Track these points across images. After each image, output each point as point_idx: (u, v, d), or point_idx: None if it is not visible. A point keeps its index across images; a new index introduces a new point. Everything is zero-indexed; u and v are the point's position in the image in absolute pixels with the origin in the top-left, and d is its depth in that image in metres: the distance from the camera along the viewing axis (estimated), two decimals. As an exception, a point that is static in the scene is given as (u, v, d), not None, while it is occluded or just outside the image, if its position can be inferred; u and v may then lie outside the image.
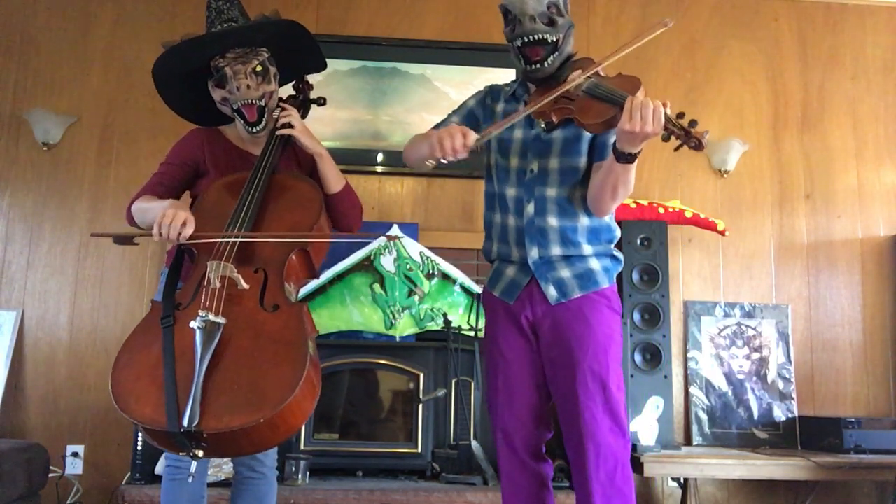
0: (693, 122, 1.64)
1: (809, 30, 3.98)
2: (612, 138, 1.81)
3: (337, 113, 3.67)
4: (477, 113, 2.08)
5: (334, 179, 2.10)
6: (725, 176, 3.81)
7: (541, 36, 1.87)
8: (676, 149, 1.68)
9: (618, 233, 2.02)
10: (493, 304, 2.01)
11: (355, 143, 3.69)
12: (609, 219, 1.99)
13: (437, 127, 2.06)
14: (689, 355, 3.64)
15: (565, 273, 1.91)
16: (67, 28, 3.66)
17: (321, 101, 2.34)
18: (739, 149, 3.74)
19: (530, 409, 1.93)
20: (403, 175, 3.70)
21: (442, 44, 3.78)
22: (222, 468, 2.75)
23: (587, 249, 1.93)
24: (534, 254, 1.92)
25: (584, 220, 1.94)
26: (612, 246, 1.99)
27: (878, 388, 3.72)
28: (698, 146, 1.64)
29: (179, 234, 1.81)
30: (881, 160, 3.91)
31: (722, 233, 3.55)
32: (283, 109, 2.11)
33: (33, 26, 3.64)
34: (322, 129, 3.58)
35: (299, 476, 2.82)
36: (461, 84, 3.75)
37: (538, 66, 1.90)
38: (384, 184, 3.70)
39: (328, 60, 2.29)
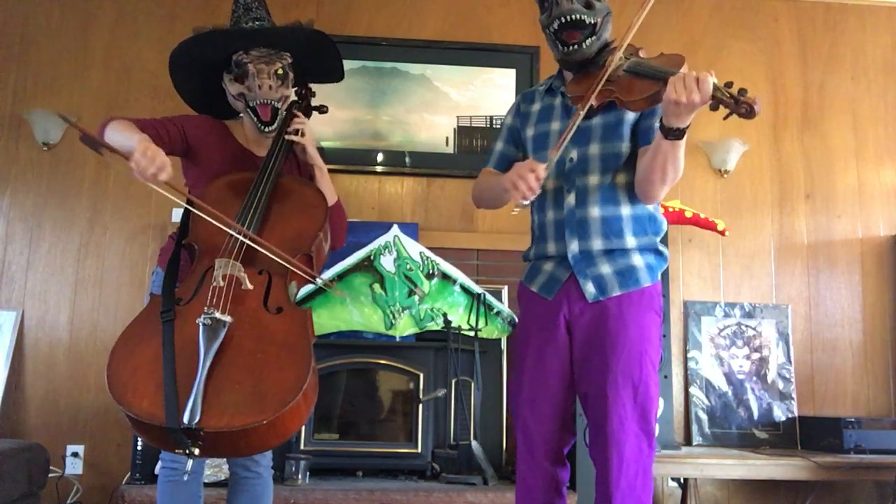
0: (742, 91, 1.58)
1: (809, 30, 3.98)
2: (657, 121, 1.75)
3: (337, 113, 3.67)
4: (516, 125, 2.05)
5: (329, 194, 2.10)
6: (725, 176, 3.81)
7: (578, 16, 1.81)
8: (726, 117, 1.61)
9: (665, 225, 1.93)
10: (529, 299, 1.94)
11: (355, 143, 3.68)
12: (654, 209, 1.90)
13: (487, 160, 2.07)
14: (689, 355, 3.64)
15: (605, 269, 1.83)
16: (67, 28, 3.66)
17: (324, 109, 2.35)
18: (739, 149, 3.74)
19: (554, 409, 1.87)
20: (403, 175, 3.70)
21: (442, 44, 3.78)
22: (222, 468, 2.75)
23: (631, 242, 1.85)
24: (574, 247, 1.85)
25: (627, 210, 1.85)
26: (658, 240, 1.90)
27: (878, 388, 3.72)
28: (749, 113, 1.56)
29: (154, 174, 1.73)
30: (881, 160, 3.91)
31: (722, 233, 3.55)
32: (296, 117, 2.11)
33: (33, 26, 3.64)
34: (322, 129, 3.59)
35: (299, 476, 2.82)
36: (461, 84, 3.76)
37: (575, 47, 1.83)
38: (384, 184, 3.70)
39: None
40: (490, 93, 3.76)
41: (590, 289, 1.83)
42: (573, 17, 1.81)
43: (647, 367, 1.81)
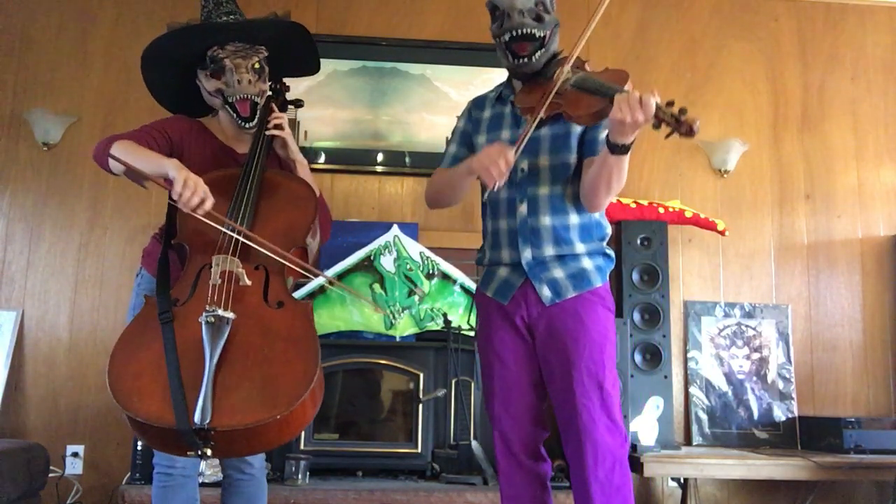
0: (683, 110, 1.63)
1: (809, 30, 3.98)
2: (603, 133, 1.82)
3: (337, 113, 3.67)
4: (468, 130, 2.10)
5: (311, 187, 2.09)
6: (725, 176, 3.80)
7: (529, 31, 1.88)
8: (667, 136, 1.66)
9: (609, 230, 2.02)
10: (487, 304, 2.01)
11: (355, 143, 3.68)
12: (599, 216, 1.99)
13: (441, 162, 2.11)
14: (689, 355, 3.64)
15: (559, 273, 1.91)
16: (67, 28, 3.66)
17: (299, 104, 2.33)
18: (739, 149, 3.74)
19: (527, 409, 1.94)
20: (403, 175, 3.70)
21: (442, 44, 3.78)
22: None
23: (580, 248, 1.93)
24: (527, 254, 1.93)
25: (574, 218, 1.94)
26: (604, 244, 1.99)
27: (878, 388, 3.72)
28: (689, 132, 1.61)
29: (198, 205, 1.73)
30: (881, 160, 3.91)
31: (722, 233, 3.55)
32: (272, 111, 2.09)
33: (33, 26, 3.64)
34: (322, 129, 3.59)
35: (299, 476, 2.82)
36: (461, 84, 3.76)
37: (525, 60, 1.90)
38: (384, 184, 3.70)
39: (328, 60, 2.30)
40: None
41: (546, 292, 1.90)
42: (524, 31, 1.89)
43: (609, 362, 1.88)
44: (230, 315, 1.65)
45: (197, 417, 1.50)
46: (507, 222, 1.96)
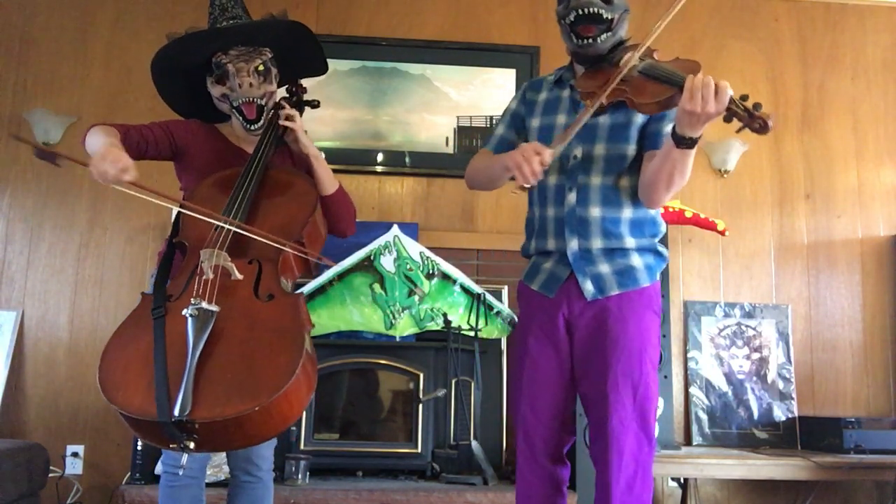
0: (757, 105, 1.57)
1: (809, 30, 3.98)
2: (667, 126, 1.74)
3: (337, 113, 3.67)
4: (520, 112, 2.02)
5: (328, 182, 2.08)
6: (725, 176, 3.81)
7: (596, 10, 1.79)
8: (738, 130, 1.61)
9: (663, 227, 1.93)
10: (530, 298, 1.93)
11: (355, 143, 3.68)
12: (655, 212, 1.90)
13: (487, 142, 2.05)
14: (689, 355, 3.64)
15: (605, 268, 1.83)
16: (67, 28, 3.66)
17: (315, 104, 2.33)
18: (739, 149, 3.74)
19: (553, 410, 1.87)
20: (403, 175, 3.70)
21: (442, 44, 3.78)
22: (222, 468, 2.75)
23: (630, 243, 1.84)
24: (573, 245, 1.84)
25: (627, 212, 1.85)
26: (657, 241, 1.90)
27: (878, 388, 3.72)
28: (763, 128, 1.56)
29: (118, 177, 1.71)
30: (881, 160, 3.91)
31: (722, 233, 3.55)
32: (282, 108, 2.10)
33: (33, 26, 3.64)
34: (322, 129, 3.59)
35: (299, 476, 2.82)
36: (461, 84, 3.76)
37: (590, 41, 1.81)
38: (384, 184, 3.70)
39: (328, 60, 2.29)
40: (490, 93, 3.75)
41: (588, 287, 1.83)
42: (591, 10, 1.79)
43: (647, 366, 1.81)
44: (214, 308, 1.64)
45: (177, 410, 1.49)
46: (555, 210, 1.88)
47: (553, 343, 1.87)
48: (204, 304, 1.63)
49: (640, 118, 1.84)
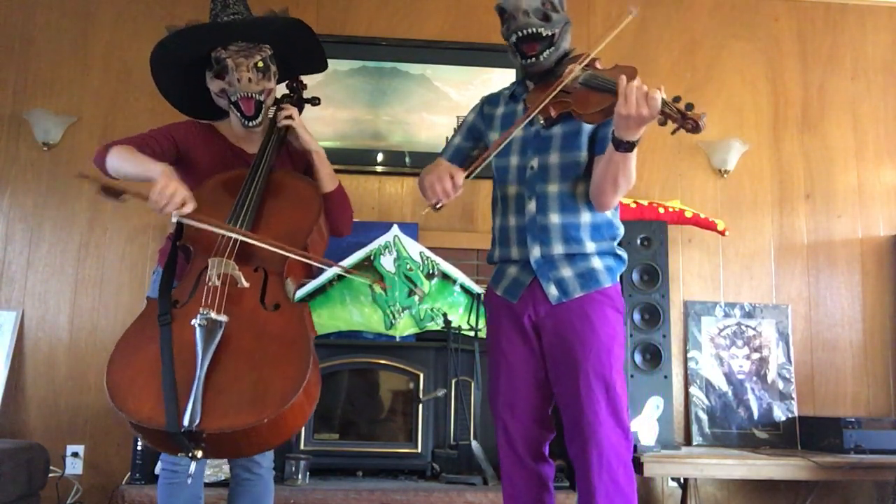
0: (689, 105, 1.61)
1: (809, 30, 3.98)
2: (612, 131, 1.80)
3: (337, 113, 3.67)
4: (478, 125, 2.10)
5: (328, 178, 2.08)
6: (725, 176, 3.81)
7: (535, 30, 1.88)
8: (673, 132, 1.66)
9: (621, 230, 2.00)
10: (496, 303, 2.00)
11: (355, 143, 3.68)
12: (611, 215, 1.97)
13: (443, 152, 2.12)
14: (689, 355, 3.64)
15: (567, 272, 1.90)
16: (67, 28, 3.66)
17: (315, 101, 2.33)
18: (739, 149, 3.74)
19: (532, 409, 1.93)
20: (403, 175, 3.70)
21: (442, 44, 3.78)
22: (222, 468, 2.75)
23: (590, 247, 1.91)
24: (536, 252, 1.91)
25: (586, 217, 1.92)
26: (616, 243, 1.98)
27: (878, 388, 3.72)
28: (695, 128, 1.60)
29: (177, 210, 1.75)
30: (881, 160, 3.91)
31: (722, 233, 3.55)
32: (281, 109, 2.10)
33: (33, 26, 3.64)
34: (322, 129, 3.59)
35: (299, 476, 2.82)
36: (461, 84, 3.76)
37: (534, 59, 1.90)
38: (384, 184, 3.70)
39: (328, 60, 2.29)
40: (490, 93, 3.74)
41: (553, 291, 1.89)
42: (530, 30, 1.89)
43: (616, 363, 1.87)
44: (223, 318, 1.65)
45: (186, 420, 1.51)
46: (516, 219, 1.96)
47: (523, 346, 1.93)
48: (213, 315, 1.64)
49: (588, 126, 1.91)
